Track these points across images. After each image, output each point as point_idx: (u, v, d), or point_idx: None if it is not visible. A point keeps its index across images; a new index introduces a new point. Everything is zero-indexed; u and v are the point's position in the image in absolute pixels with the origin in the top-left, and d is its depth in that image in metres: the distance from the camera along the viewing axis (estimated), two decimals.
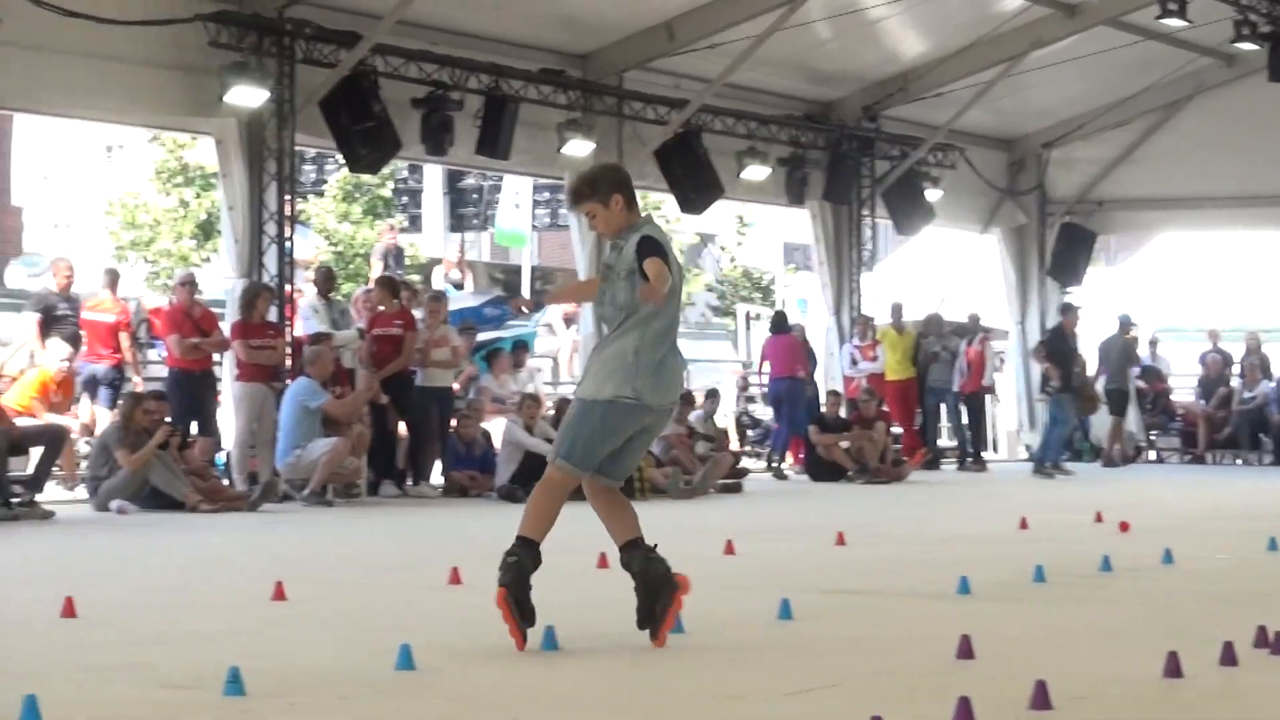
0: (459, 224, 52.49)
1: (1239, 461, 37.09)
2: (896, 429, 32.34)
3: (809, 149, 34.01)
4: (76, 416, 24.63)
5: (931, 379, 33.65)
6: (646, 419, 10.40)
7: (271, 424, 24.09)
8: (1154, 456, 38.40)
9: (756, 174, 32.62)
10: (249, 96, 24.96)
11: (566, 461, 10.22)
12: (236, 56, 25.00)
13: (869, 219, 35.56)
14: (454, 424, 26.08)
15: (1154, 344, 39.14)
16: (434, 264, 40.42)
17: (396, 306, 26.12)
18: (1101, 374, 35.82)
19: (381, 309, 26.04)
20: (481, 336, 30.12)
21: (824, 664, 9.84)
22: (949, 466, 34.19)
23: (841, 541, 17.17)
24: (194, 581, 14.78)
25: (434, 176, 48.74)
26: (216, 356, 24.72)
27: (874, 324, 33.99)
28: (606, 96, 30.30)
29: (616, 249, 10.34)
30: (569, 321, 32.98)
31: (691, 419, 28.12)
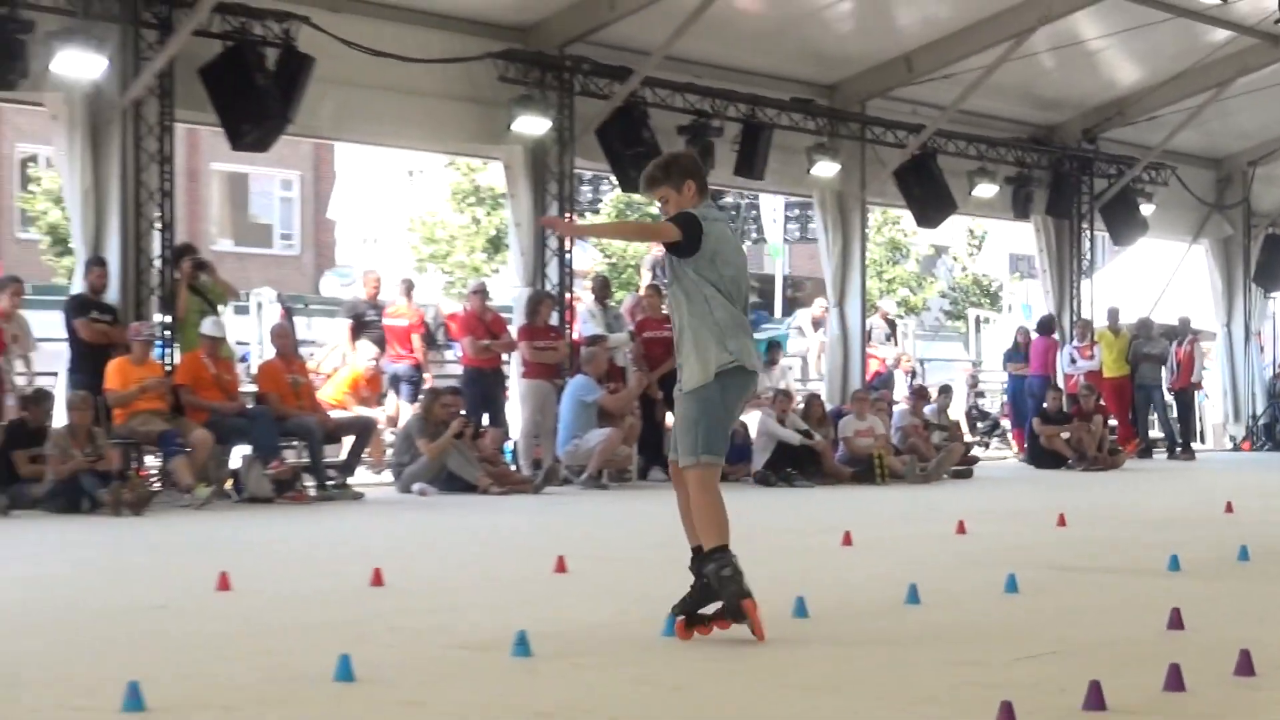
0: None
1: None
2: (1112, 421, 31.98)
3: (1033, 168, 33.67)
4: (383, 409, 24.97)
5: (1141, 377, 33.28)
6: (748, 380, 9.77)
7: (553, 416, 24.27)
8: None
9: (986, 191, 32.31)
10: (533, 125, 25.16)
11: (709, 454, 9.55)
12: (522, 90, 25.21)
13: (1088, 231, 35.14)
14: None
15: None
16: None
17: (664, 312, 26.25)
18: None
19: (651, 314, 26.18)
20: None
21: (1047, 633, 9.75)
22: (1160, 456, 33.76)
23: (1062, 523, 16.98)
24: (486, 555, 14.92)
25: None
26: (505, 356, 24.91)
27: (1092, 327, 33.71)
28: (851, 122, 30.19)
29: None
30: (817, 325, 32.86)
31: (927, 412, 27.98)
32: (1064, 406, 30.80)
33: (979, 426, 34.42)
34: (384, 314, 25.97)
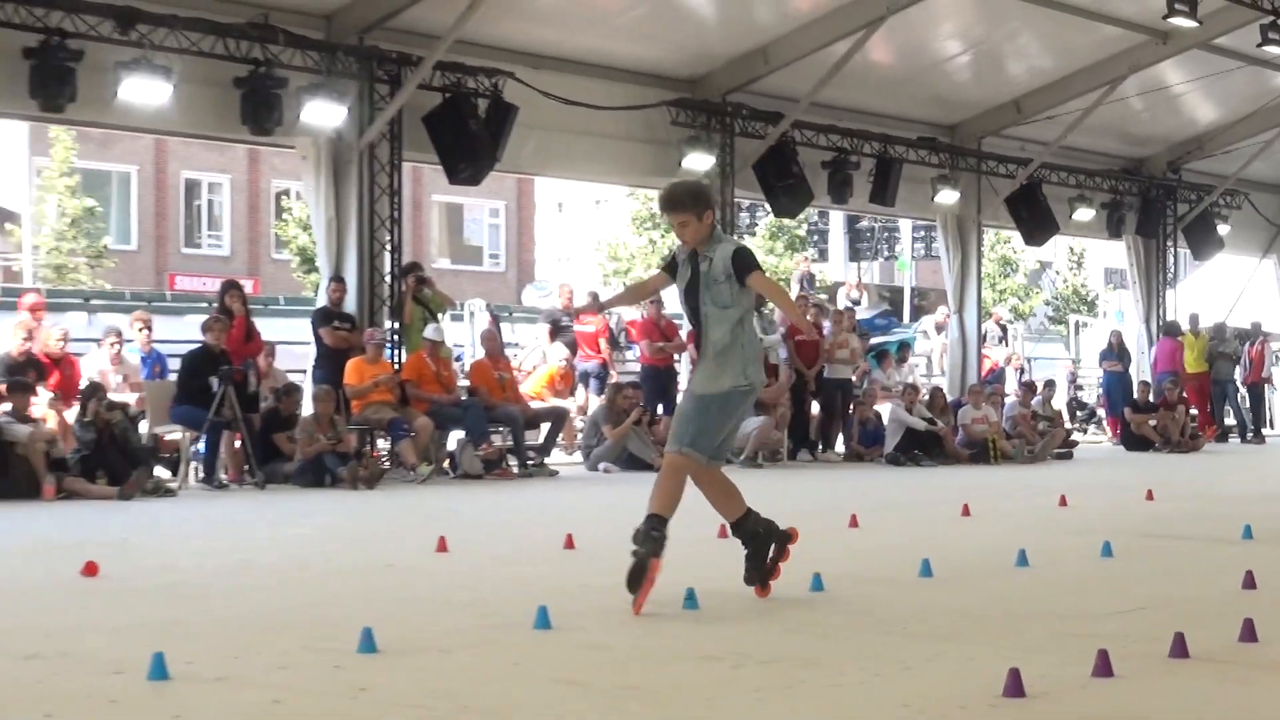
0: (856, 255, 52.35)
1: None
2: (1193, 411, 31.56)
3: (1125, 195, 33.37)
4: (574, 400, 25.04)
5: (1218, 372, 32.86)
6: (752, 400, 9.44)
7: None
8: None
9: (1084, 215, 32.01)
10: (700, 162, 25.16)
11: (692, 449, 9.14)
12: (691, 132, 25.25)
13: (1172, 249, 34.70)
14: (852, 407, 26.04)
15: None
16: (838, 286, 40.39)
17: (812, 316, 26.26)
18: None
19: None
20: (873, 340, 30.06)
21: (1136, 591, 9.61)
22: (1234, 441, 33.23)
23: (1150, 497, 16.74)
24: None
25: (837, 220, 48.74)
26: (676, 356, 24.92)
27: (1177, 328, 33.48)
28: (968, 157, 30.01)
29: (705, 259, 9.09)
30: (940, 329, 32.68)
31: (1033, 403, 27.78)
32: (1151, 398, 30.57)
33: (1078, 415, 34.09)
34: (576, 320, 26.10)
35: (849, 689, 6.48)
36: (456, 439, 21.38)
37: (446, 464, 21.10)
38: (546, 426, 22.89)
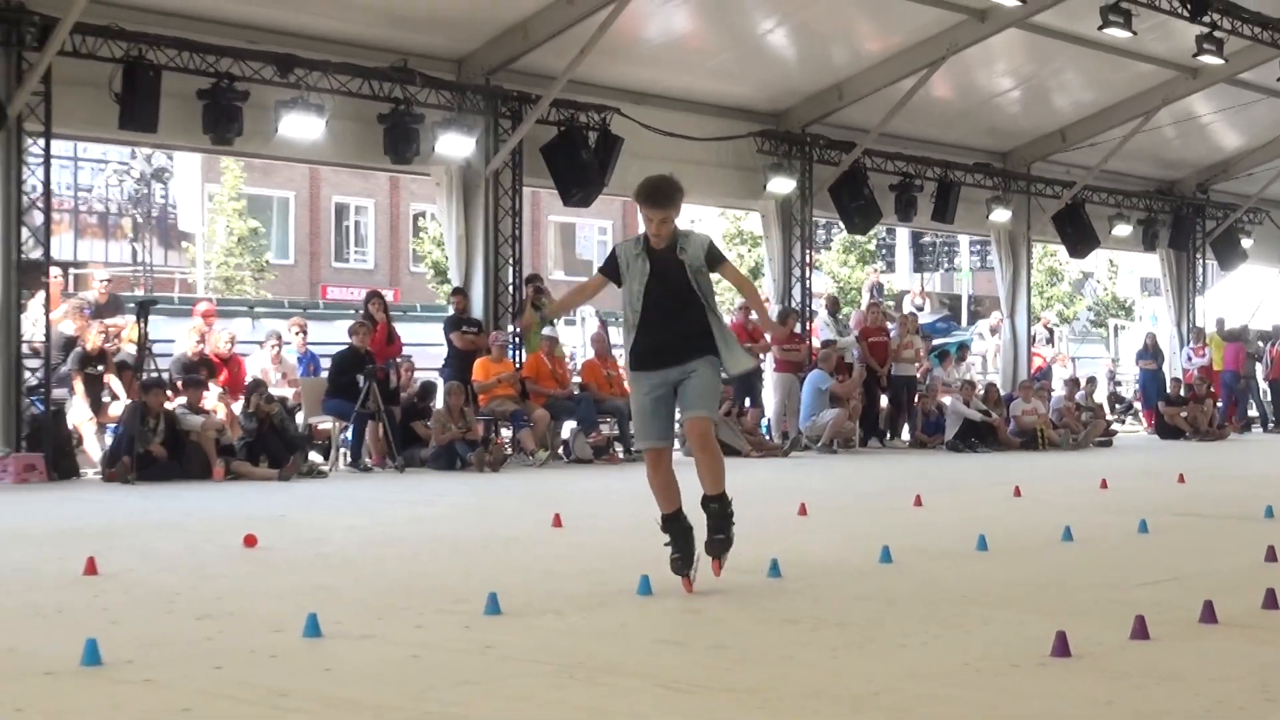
0: (919, 267, 52.08)
1: None
2: (1220, 404, 31.23)
3: (1158, 213, 33.08)
4: None
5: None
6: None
7: (797, 400, 24.17)
8: None
9: (1122, 231, 31.80)
10: (782, 186, 25.15)
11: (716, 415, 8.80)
12: (774, 159, 25.23)
13: (1201, 260, 34.47)
14: (916, 400, 25.94)
15: None
16: (904, 294, 40.17)
17: (881, 321, 26.27)
18: None
19: (872, 323, 26.11)
20: (935, 341, 29.96)
21: (1167, 563, 9.49)
22: (1257, 431, 32.79)
23: (1182, 480, 16.53)
24: (747, 502, 14.80)
25: (903, 235, 48.47)
26: (762, 355, 24.86)
27: (1204, 332, 33.15)
28: (1019, 180, 29.81)
29: (682, 251, 8.33)
30: (994, 331, 32.46)
31: (1077, 397, 27.57)
32: (1182, 392, 30.31)
33: (1117, 408, 33.71)
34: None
35: (914, 649, 6.43)
36: (570, 428, 21.44)
37: (561, 450, 21.16)
38: None
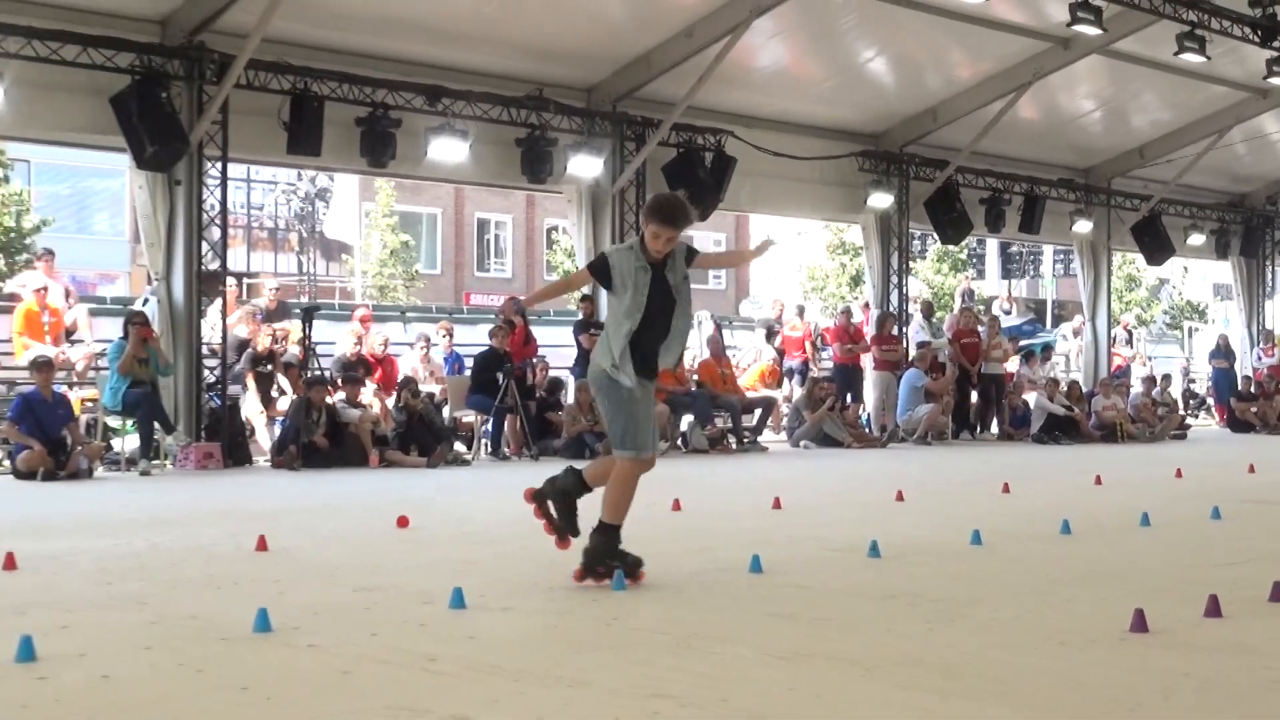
0: (1007, 274, 51.44)
1: None
2: None
3: (1230, 223, 32.53)
4: (781, 391, 24.97)
5: None
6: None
7: (894, 396, 24.02)
8: None
9: (1196, 240, 31.31)
10: (881, 201, 25.01)
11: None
12: (874, 177, 25.12)
13: (1270, 266, 33.76)
14: (1005, 396, 25.71)
15: None
16: (993, 299, 39.77)
17: (972, 324, 26.08)
18: None
19: (965, 325, 25.92)
20: (1022, 343, 29.70)
21: (1239, 546, 9.29)
22: None
23: (1252, 470, 16.26)
24: (848, 488, 14.81)
25: (992, 245, 47.90)
26: (862, 355, 24.75)
27: (1273, 334, 32.62)
28: (1100, 194, 29.46)
29: (673, 270, 7.56)
30: (1076, 333, 32.07)
31: (1154, 393, 27.18)
32: (1253, 389, 29.80)
33: (1191, 403, 33.18)
34: (784, 327, 26.12)
35: (1003, 623, 6.36)
36: (687, 421, 21.45)
37: (679, 441, 21.18)
38: (759, 412, 22.90)
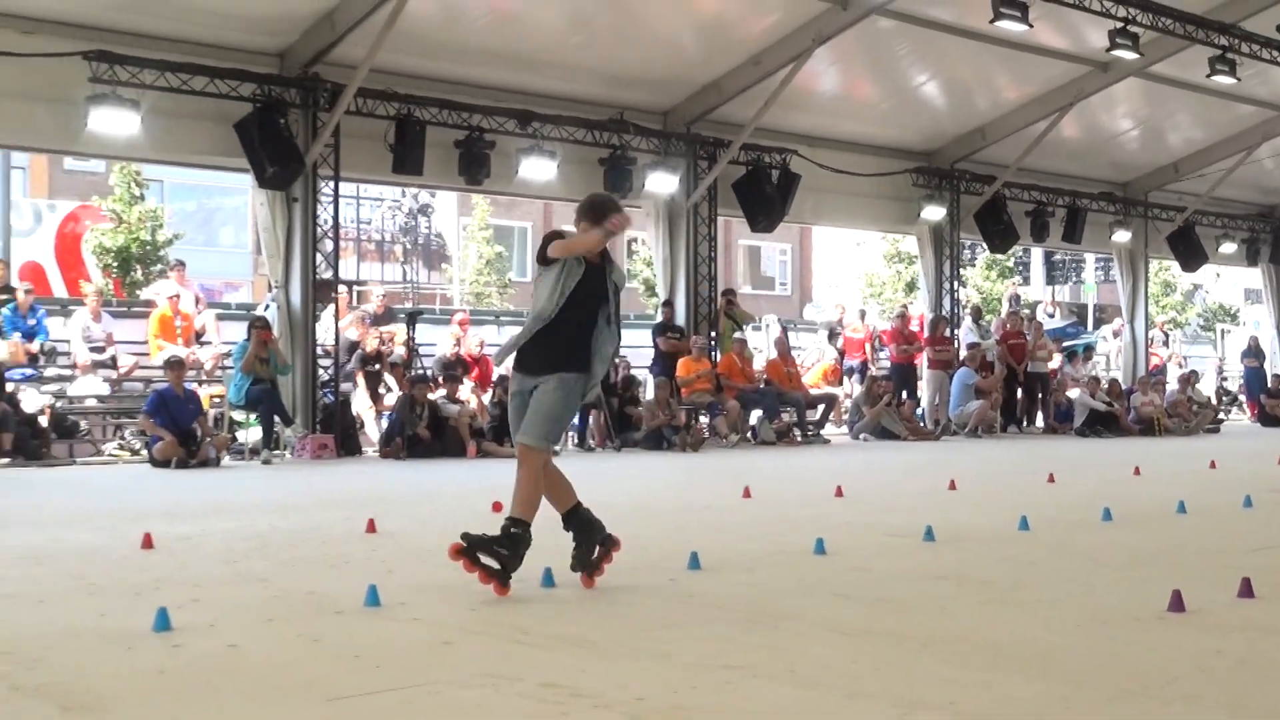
0: (1051, 280, 50.95)
1: None
2: None
3: (1260, 232, 32.04)
4: (842, 388, 24.87)
5: None
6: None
7: (947, 393, 23.86)
8: None
9: (1227, 248, 30.91)
10: (934, 213, 24.90)
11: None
12: (927, 191, 24.99)
13: None
14: (1049, 393, 25.48)
15: None
16: (1037, 304, 39.37)
17: (1018, 326, 25.86)
18: None
19: (1012, 328, 25.69)
20: (1065, 344, 29.37)
21: (1270, 532, 9.16)
22: None
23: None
24: (904, 478, 14.72)
25: (1037, 253, 47.43)
26: (917, 356, 24.62)
27: None
28: (1138, 206, 29.18)
29: (613, 269, 6.73)
30: (1116, 335, 31.72)
31: (1189, 390, 26.87)
32: None
33: (1224, 400, 32.72)
34: (846, 329, 26.03)
35: (1048, 604, 6.29)
36: (756, 416, 21.42)
37: (749, 434, 21.15)
38: (822, 407, 22.84)
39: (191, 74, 16.93)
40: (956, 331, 25.65)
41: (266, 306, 19.05)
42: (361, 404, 18.99)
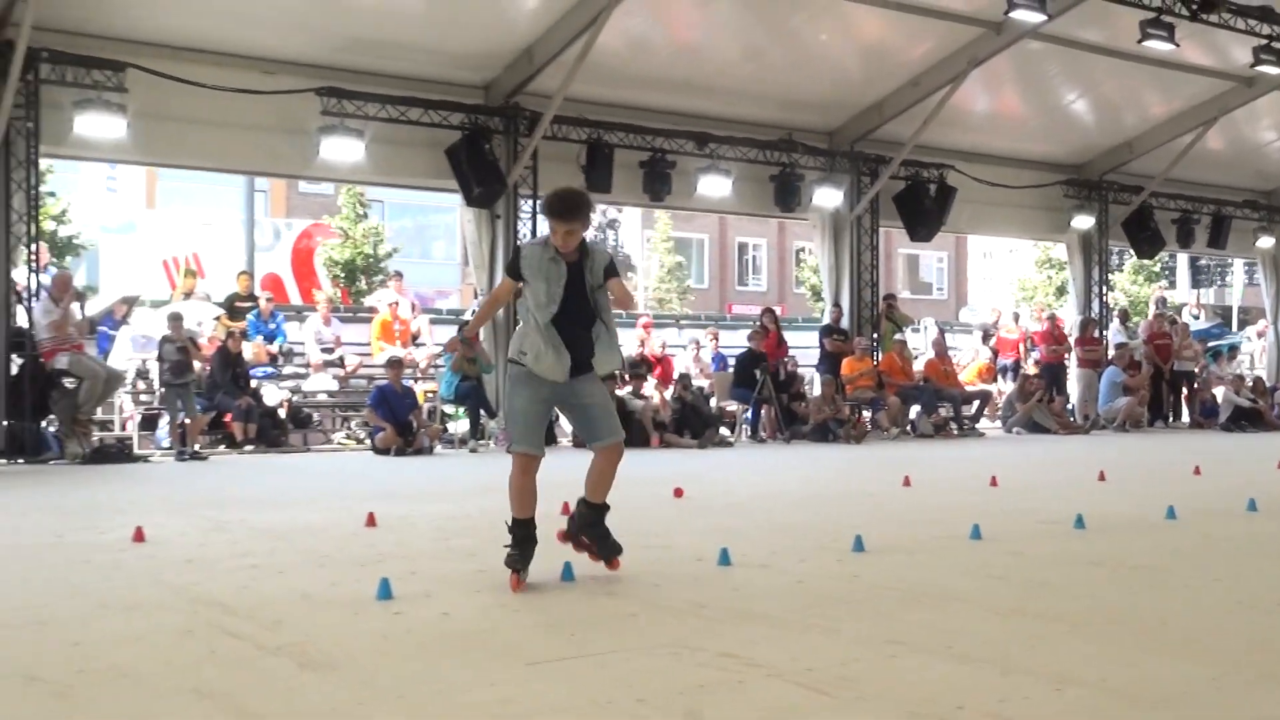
0: (1197, 283, 49.16)
1: None
2: None
3: None
4: (996, 385, 24.31)
5: None
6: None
7: (1095, 389, 23.16)
8: None
9: (1265, 243, 28.76)
10: (1083, 222, 24.27)
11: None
12: (1077, 202, 24.37)
13: None
14: (1195, 390, 24.56)
15: None
16: (1183, 306, 37.95)
17: (1164, 327, 25.02)
18: None
19: (1158, 329, 24.86)
20: (1210, 344, 28.26)
21: None
22: None
23: None
24: (1051, 470, 14.20)
25: (1183, 258, 45.81)
26: (1066, 354, 23.97)
27: None
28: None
29: (589, 264, 6.04)
30: (1260, 335, 30.40)
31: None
32: None
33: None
34: (1000, 330, 25.48)
35: (1195, 589, 6.02)
36: (915, 411, 21.09)
37: (909, 428, 20.84)
38: (977, 403, 22.36)
39: (408, 106, 17.41)
40: (1105, 333, 24.92)
41: (473, 312, 19.43)
42: None
